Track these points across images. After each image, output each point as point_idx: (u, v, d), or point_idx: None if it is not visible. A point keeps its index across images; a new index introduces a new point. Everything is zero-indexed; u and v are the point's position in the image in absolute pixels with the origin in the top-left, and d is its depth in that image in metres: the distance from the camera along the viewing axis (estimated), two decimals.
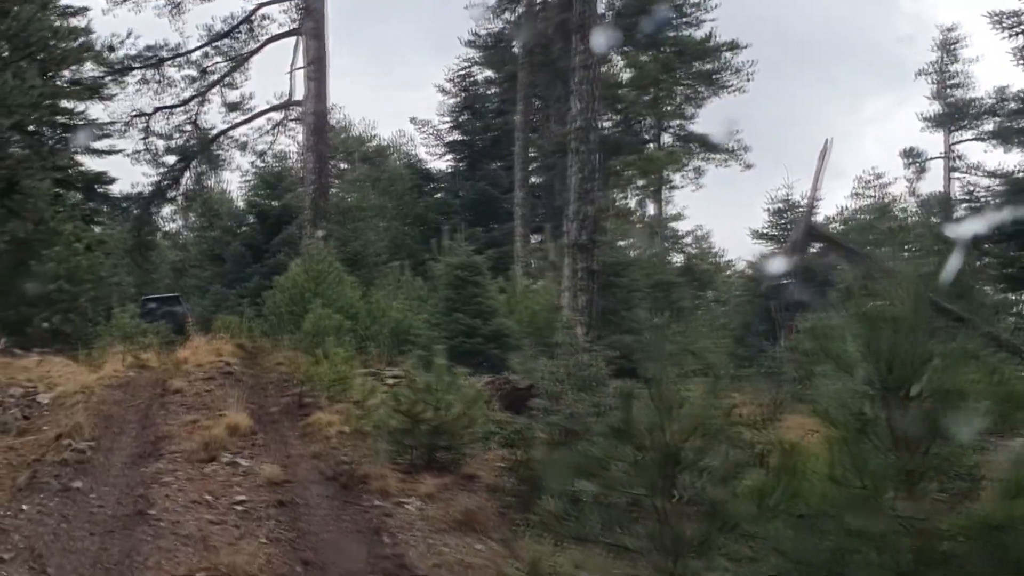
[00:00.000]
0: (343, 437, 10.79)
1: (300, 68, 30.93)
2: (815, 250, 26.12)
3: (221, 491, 8.88)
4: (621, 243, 28.39)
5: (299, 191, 42.99)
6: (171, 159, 33.98)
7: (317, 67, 30.52)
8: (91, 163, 30.72)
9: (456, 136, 34.02)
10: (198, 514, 8.22)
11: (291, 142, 38.71)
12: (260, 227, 40.79)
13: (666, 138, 29.75)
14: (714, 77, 30.15)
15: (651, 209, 32.85)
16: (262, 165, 41.91)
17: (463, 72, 34.78)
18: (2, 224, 25.50)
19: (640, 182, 26.66)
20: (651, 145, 28.90)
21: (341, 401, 12.65)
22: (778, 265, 25.08)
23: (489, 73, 35.66)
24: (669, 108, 29.87)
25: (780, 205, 35.23)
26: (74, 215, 26.73)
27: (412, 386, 9.72)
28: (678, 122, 29.88)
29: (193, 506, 8.40)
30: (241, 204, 44.76)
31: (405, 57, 73.07)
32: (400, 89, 75.50)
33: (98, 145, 31.25)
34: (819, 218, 34.87)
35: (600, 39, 17.76)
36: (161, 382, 14.75)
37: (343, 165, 42.09)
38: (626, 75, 29.04)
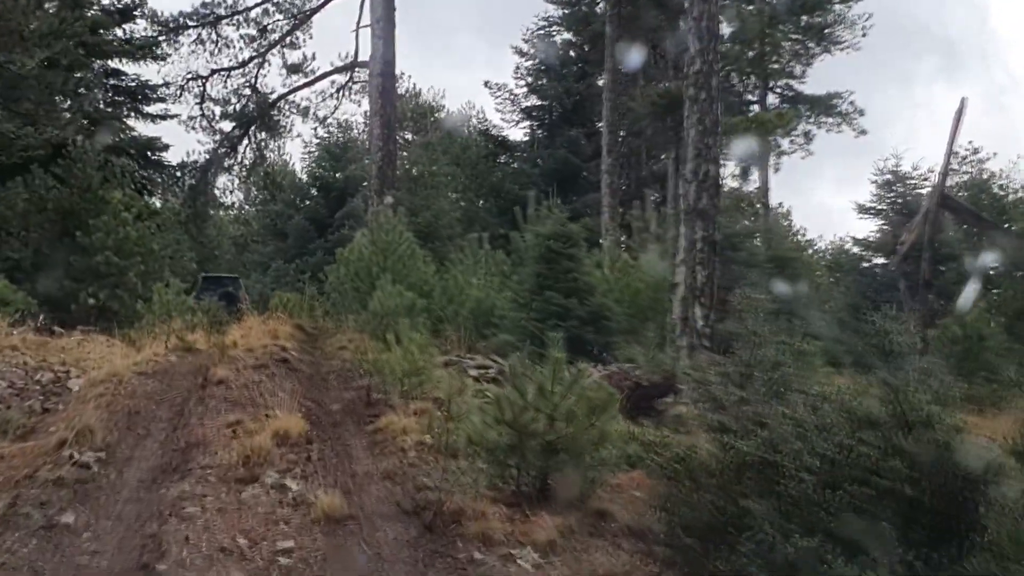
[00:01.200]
0: (423, 450, 8.23)
1: (366, 26, 28.52)
2: (949, 222, 23.03)
3: (261, 531, 6.40)
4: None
5: (364, 161, 40.96)
6: (228, 126, 31.85)
7: (384, 25, 28.04)
8: (143, 128, 28.75)
9: (534, 101, 31.30)
10: (225, 569, 5.74)
11: (356, 108, 36.26)
12: (323, 200, 39.19)
13: (771, 99, 26.67)
14: (825, 32, 27.01)
15: (754, 178, 29.85)
16: (324, 133, 39.83)
17: (541, 32, 32.01)
18: (46, 191, 23.52)
19: (745, 146, 23.83)
20: (755, 107, 25.88)
21: (418, 399, 10.13)
22: (907, 241, 22.05)
23: (569, 35, 32.83)
24: (776, 66, 26.70)
25: (889, 176, 31.85)
26: (124, 183, 24.63)
27: (517, 385, 7.09)
28: (785, 81, 26.79)
29: (220, 557, 5.92)
30: (303, 176, 42.88)
31: (450, 38, 70.46)
32: (449, 70, 72.99)
33: (151, 109, 29.23)
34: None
35: None
36: (204, 369, 12.38)
37: (408, 136, 39.75)
38: (728, 29, 26.01)
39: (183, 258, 46.47)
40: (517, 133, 31.75)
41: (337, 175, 39.73)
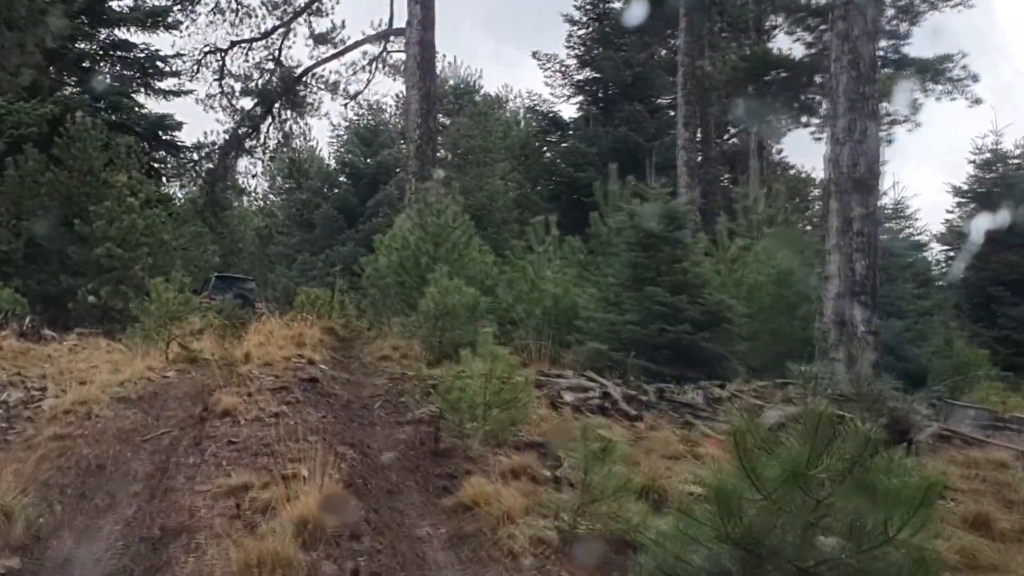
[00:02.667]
0: (547, 558, 4.93)
1: None
2: None
3: None
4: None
5: (399, 145, 37.80)
6: (249, 103, 28.71)
7: None
8: (154, 106, 25.69)
9: (588, 74, 27.88)
10: None
11: (390, 83, 33.08)
12: (353, 188, 36.38)
13: None
14: None
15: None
16: (354, 116, 36.66)
17: None
18: (41, 173, 20.51)
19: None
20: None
21: (511, 445, 6.90)
22: None
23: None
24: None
25: (988, 156, 28.18)
26: (130, 164, 21.57)
27: (744, 456, 3.82)
28: (890, 42, 23.27)
29: None
30: (331, 163, 39.83)
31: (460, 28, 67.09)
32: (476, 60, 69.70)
33: (163, 85, 26.17)
34: None
35: None
36: (206, 393, 9.25)
37: (444, 120, 36.55)
38: None
39: (204, 251, 43.65)
40: (568, 110, 28.41)
41: (368, 160, 36.74)
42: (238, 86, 28.25)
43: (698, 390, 10.35)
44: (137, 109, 24.47)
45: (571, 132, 26.84)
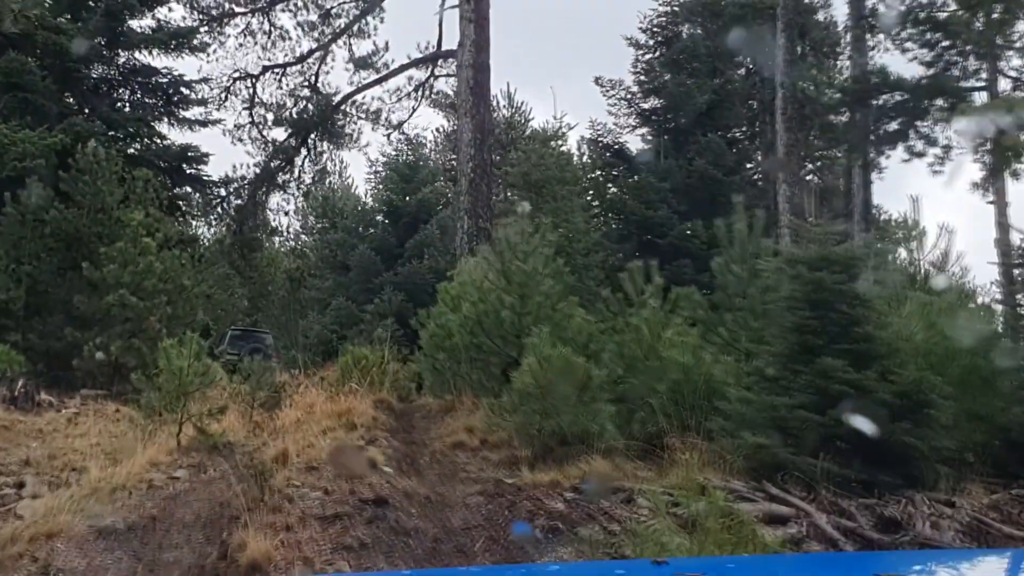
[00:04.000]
0: None
1: (452, 7, 22.75)
2: None
3: None
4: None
5: (439, 182, 35.18)
6: (282, 134, 26.11)
7: (477, 5, 22.27)
8: (177, 136, 23.18)
9: (655, 102, 25.07)
10: None
11: (431, 115, 30.44)
12: (391, 228, 33.62)
13: (1004, 83, 20.10)
14: None
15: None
16: (394, 148, 34.05)
17: (664, 20, 25.86)
18: (46, 210, 17.92)
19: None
20: (981, 93, 19.44)
21: None
22: None
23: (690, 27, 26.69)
24: (1015, 39, 19.84)
25: None
26: (147, 200, 18.95)
27: None
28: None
29: None
30: (368, 200, 37.23)
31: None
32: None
33: (188, 114, 23.66)
34: None
35: None
36: (227, 519, 6.37)
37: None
38: None
39: (232, 294, 41.10)
40: (632, 140, 25.58)
41: (407, 198, 34.07)
42: (270, 116, 25.81)
43: (909, 505, 7.35)
44: (159, 140, 21.90)
45: (639, 165, 23.99)
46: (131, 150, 21.17)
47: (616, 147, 24.54)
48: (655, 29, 25.76)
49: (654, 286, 11.90)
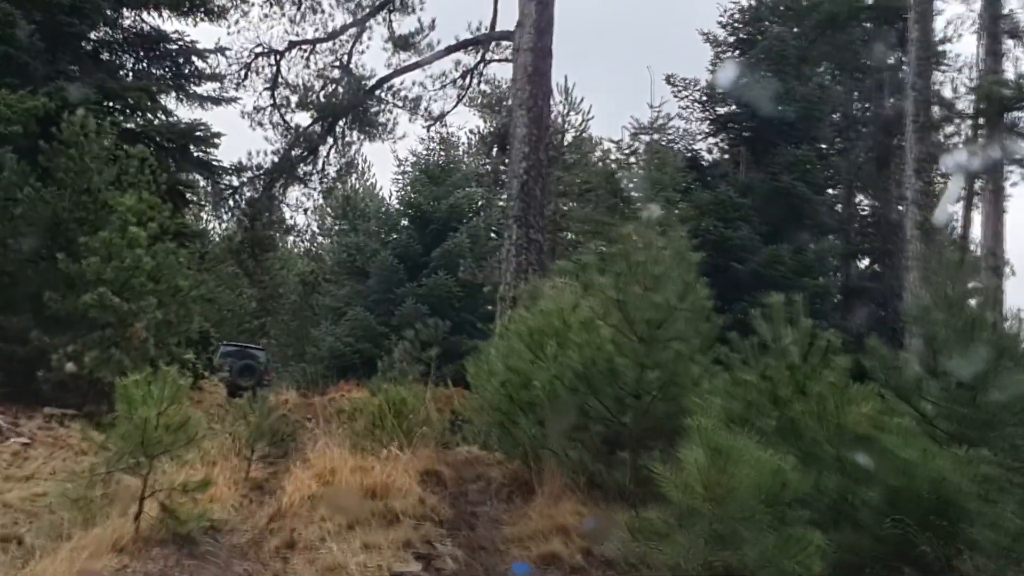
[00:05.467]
0: None
1: None
2: None
3: None
4: None
5: (472, 187, 32.06)
6: (307, 120, 22.90)
7: None
8: (186, 114, 20.13)
9: (733, 108, 21.87)
10: None
11: (467, 114, 27.43)
12: (417, 234, 30.43)
13: None
14: None
15: None
16: (429, 144, 30.93)
17: (746, 15, 22.69)
18: (19, 187, 14.86)
19: None
20: None
21: None
22: None
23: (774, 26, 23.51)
24: None
25: None
26: (141, 182, 15.87)
27: None
28: None
29: None
30: (394, 202, 34.38)
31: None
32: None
33: (201, 89, 20.57)
34: None
35: None
36: None
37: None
38: None
39: (240, 295, 37.95)
40: (701, 147, 22.34)
41: (437, 202, 30.97)
42: (294, 98, 22.61)
43: None
44: (163, 116, 18.79)
45: (716, 177, 20.80)
46: (129, 125, 18.07)
47: (689, 154, 21.32)
48: (736, 24, 22.60)
49: (800, 330, 8.61)
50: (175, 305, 15.52)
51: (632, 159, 18.45)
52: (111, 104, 18.39)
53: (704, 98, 22.19)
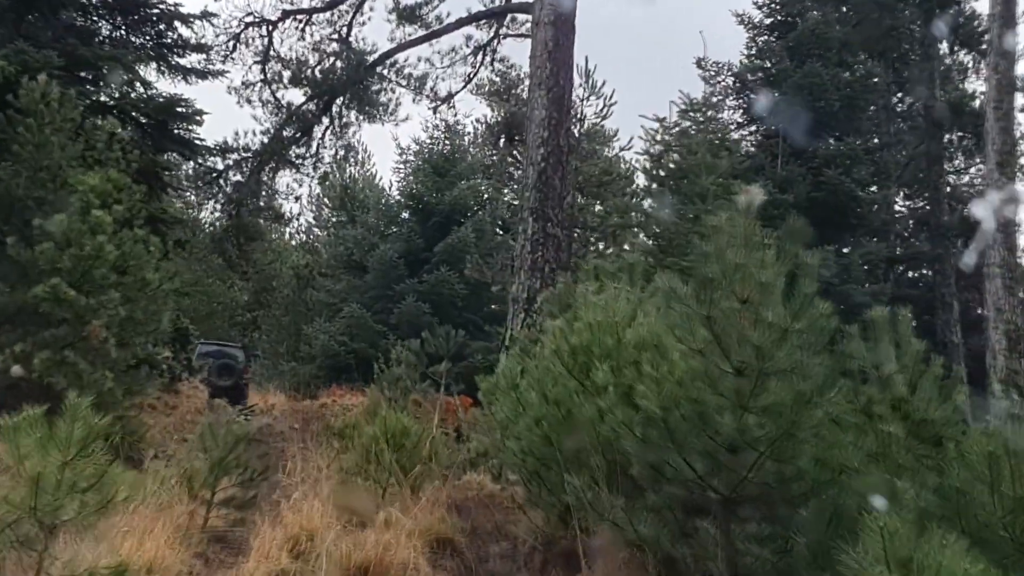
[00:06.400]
0: None
1: None
2: None
3: None
4: None
5: (472, 182, 30.14)
6: (300, 97, 20.90)
7: None
8: (168, 87, 18.09)
9: (767, 96, 19.90)
10: None
11: (473, 102, 25.49)
12: (419, 227, 29.03)
13: None
14: None
15: None
16: (433, 132, 29.17)
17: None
18: None
19: None
20: None
21: None
22: None
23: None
24: None
25: None
26: (109, 160, 13.95)
27: None
28: None
29: None
30: (395, 194, 33.23)
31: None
32: None
33: (184, 61, 18.58)
34: None
35: None
36: None
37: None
38: None
39: (232, 287, 35.96)
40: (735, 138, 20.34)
41: (440, 195, 29.23)
42: (287, 73, 20.55)
43: None
44: (140, 89, 16.80)
45: (751, 171, 18.80)
46: (102, 97, 16.08)
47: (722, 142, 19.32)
48: (774, 5, 20.60)
49: (909, 354, 6.62)
50: (143, 300, 13.50)
51: (679, 143, 16.33)
52: (84, 74, 16.45)
53: (738, 85, 20.20)
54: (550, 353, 7.11)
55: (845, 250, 18.82)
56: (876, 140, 20.82)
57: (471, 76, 22.68)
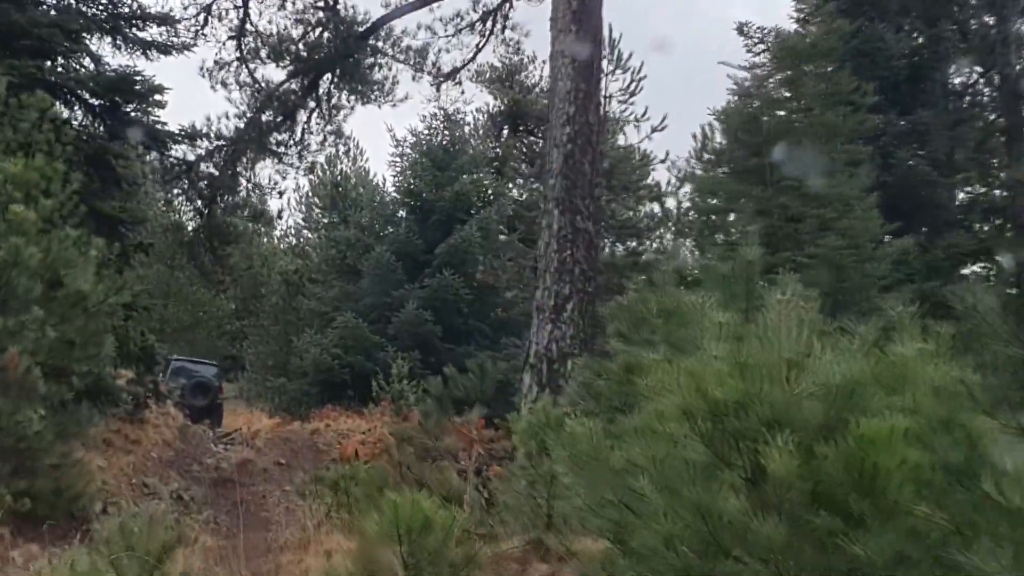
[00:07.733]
0: None
1: None
2: None
3: None
4: None
5: (482, 171, 27.72)
6: (281, 75, 18.27)
7: None
8: (121, 61, 15.39)
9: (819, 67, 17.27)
10: None
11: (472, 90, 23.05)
12: (418, 227, 26.67)
13: None
14: None
15: None
16: (431, 122, 26.78)
17: None
18: None
19: None
20: None
21: None
22: None
23: None
24: None
25: None
26: (39, 145, 11.30)
27: None
28: None
29: None
30: (390, 190, 30.87)
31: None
32: None
33: (145, 34, 15.86)
34: None
35: None
36: None
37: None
38: None
39: (217, 296, 33.43)
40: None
41: (440, 190, 26.98)
42: (266, 49, 17.76)
43: None
44: (87, 63, 14.08)
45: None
46: (39, 73, 13.34)
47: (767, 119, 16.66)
48: None
49: None
50: (79, 318, 10.76)
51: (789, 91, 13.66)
52: (21, 44, 13.74)
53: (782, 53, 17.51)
54: (655, 415, 4.29)
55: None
56: (951, 114, 18.16)
57: (480, 47, 19.87)
